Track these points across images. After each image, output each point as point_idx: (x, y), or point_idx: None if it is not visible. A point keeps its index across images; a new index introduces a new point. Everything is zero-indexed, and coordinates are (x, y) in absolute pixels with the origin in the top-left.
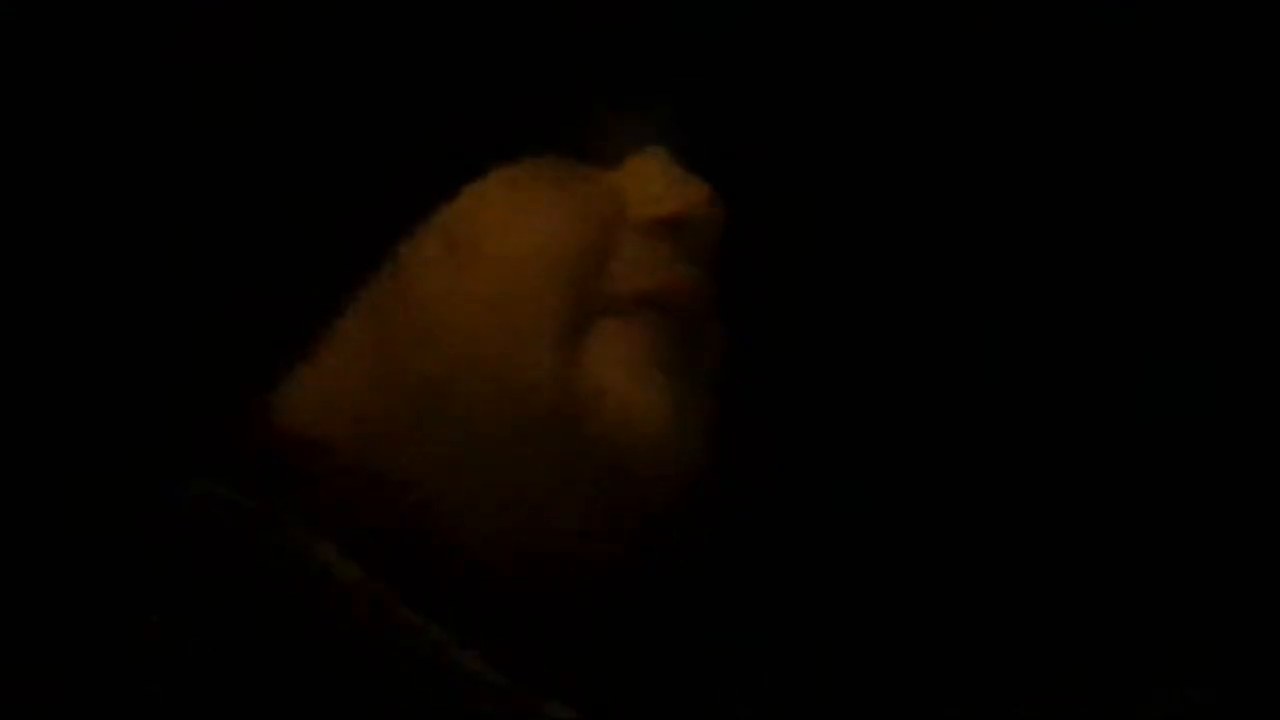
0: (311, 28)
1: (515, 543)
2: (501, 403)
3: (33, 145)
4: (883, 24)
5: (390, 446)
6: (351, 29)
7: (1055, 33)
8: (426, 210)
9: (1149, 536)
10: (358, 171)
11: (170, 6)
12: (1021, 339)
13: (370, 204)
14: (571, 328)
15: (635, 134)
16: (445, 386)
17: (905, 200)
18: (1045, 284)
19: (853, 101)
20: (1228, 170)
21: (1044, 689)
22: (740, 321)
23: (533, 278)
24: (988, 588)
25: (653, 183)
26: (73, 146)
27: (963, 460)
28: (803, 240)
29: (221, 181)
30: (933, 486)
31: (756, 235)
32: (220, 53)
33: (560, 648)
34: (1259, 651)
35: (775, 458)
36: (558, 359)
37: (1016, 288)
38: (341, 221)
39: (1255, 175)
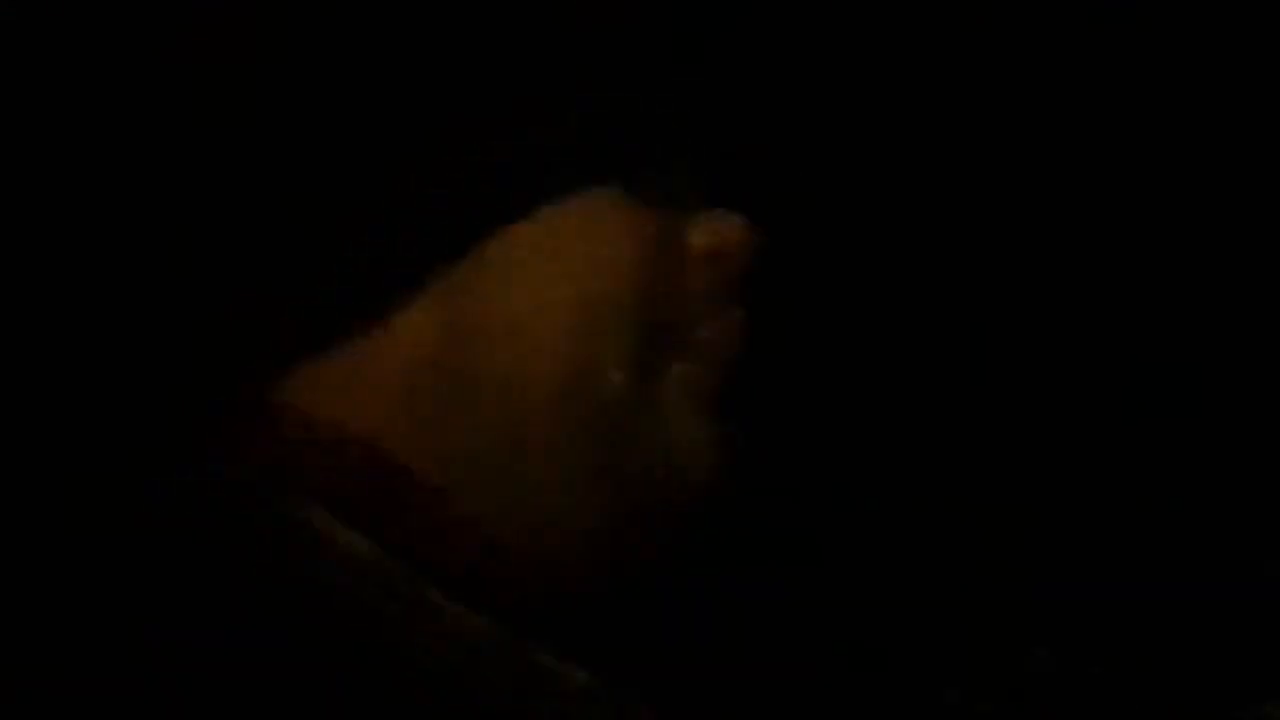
0: (366, 26)
1: (537, 542)
2: (564, 410)
3: (40, 145)
4: (885, 29)
5: (425, 438)
6: (409, 34)
7: (1054, 33)
8: (404, 206)
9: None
10: (343, 168)
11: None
12: (1022, 341)
13: (363, 199)
14: (646, 352)
15: (682, 181)
16: (510, 385)
17: (909, 205)
18: (1043, 286)
19: (856, 111)
20: (1228, 170)
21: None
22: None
23: (618, 294)
24: (987, 584)
25: (710, 218)
26: (91, 139)
27: (965, 460)
28: (811, 246)
29: (246, 170)
30: (935, 487)
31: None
32: (241, 44)
33: (576, 640)
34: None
35: (777, 457)
36: (630, 380)
37: (1018, 291)
38: (366, 218)
39: (1255, 175)
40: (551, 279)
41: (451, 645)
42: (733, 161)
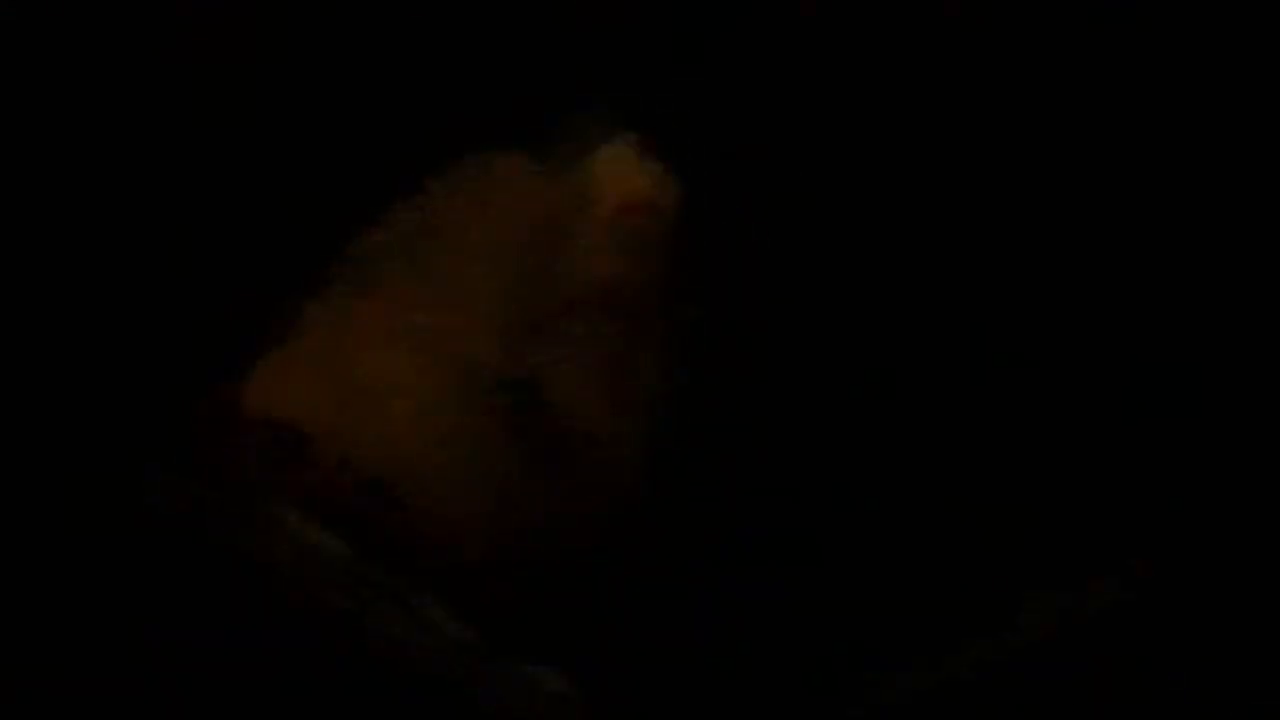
0: (271, 22)
1: (473, 520)
2: (453, 391)
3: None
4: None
5: (354, 431)
6: (310, 26)
7: (1053, 33)
8: (388, 203)
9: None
10: (319, 166)
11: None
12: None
13: (332, 198)
14: (524, 320)
15: (604, 131)
16: (401, 374)
17: (909, 204)
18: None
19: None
20: (1227, 170)
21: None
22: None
23: (487, 269)
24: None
25: (621, 173)
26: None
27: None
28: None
29: (183, 175)
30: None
31: (732, 230)
32: (173, 53)
33: (530, 619)
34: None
35: (744, 447)
36: (508, 350)
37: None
38: (303, 214)
39: (1255, 175)
40: (431, 258)
41: (426, 646)
42: (733, 160)
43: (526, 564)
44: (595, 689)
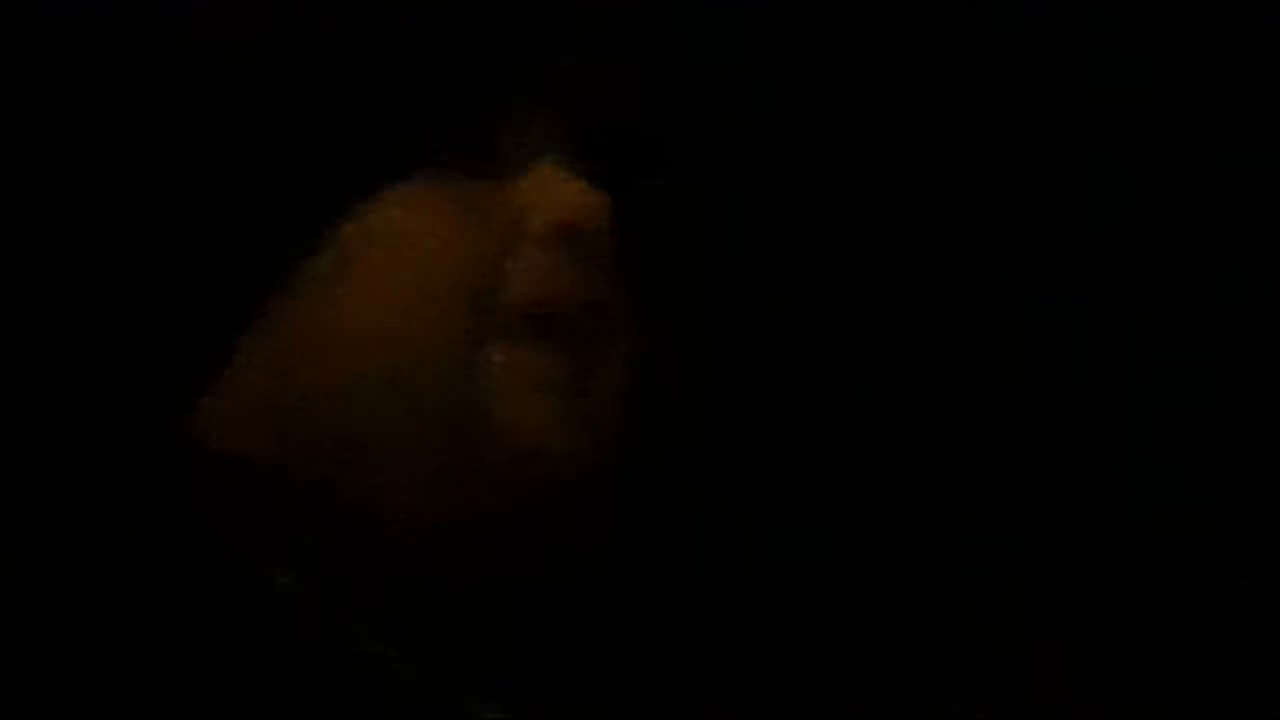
0: (198, 33)
1: (427, 540)
2: (396, 413)
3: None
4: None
5: (302, 457)
6: (243, 36)
7: (1052, 34)
8: (327, 225)
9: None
10: (260, 186)
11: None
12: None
13: (273, 220)
14: (464, 339)
15: (537, 145)
16: (343, 399)
17: (910, 203)
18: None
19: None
20: (1227, 170)
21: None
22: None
23: (425, 289)
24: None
25: (549, 191)
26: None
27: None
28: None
29: (125, 199)
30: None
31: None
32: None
33: (482, 639)
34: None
35: (702, 456)
36: (448, 366)
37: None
38: (245, 236)
39: (1255, 175)
40: (366, 279)
41: (375, 684)
42: (734, 160)
43: (481, 587)
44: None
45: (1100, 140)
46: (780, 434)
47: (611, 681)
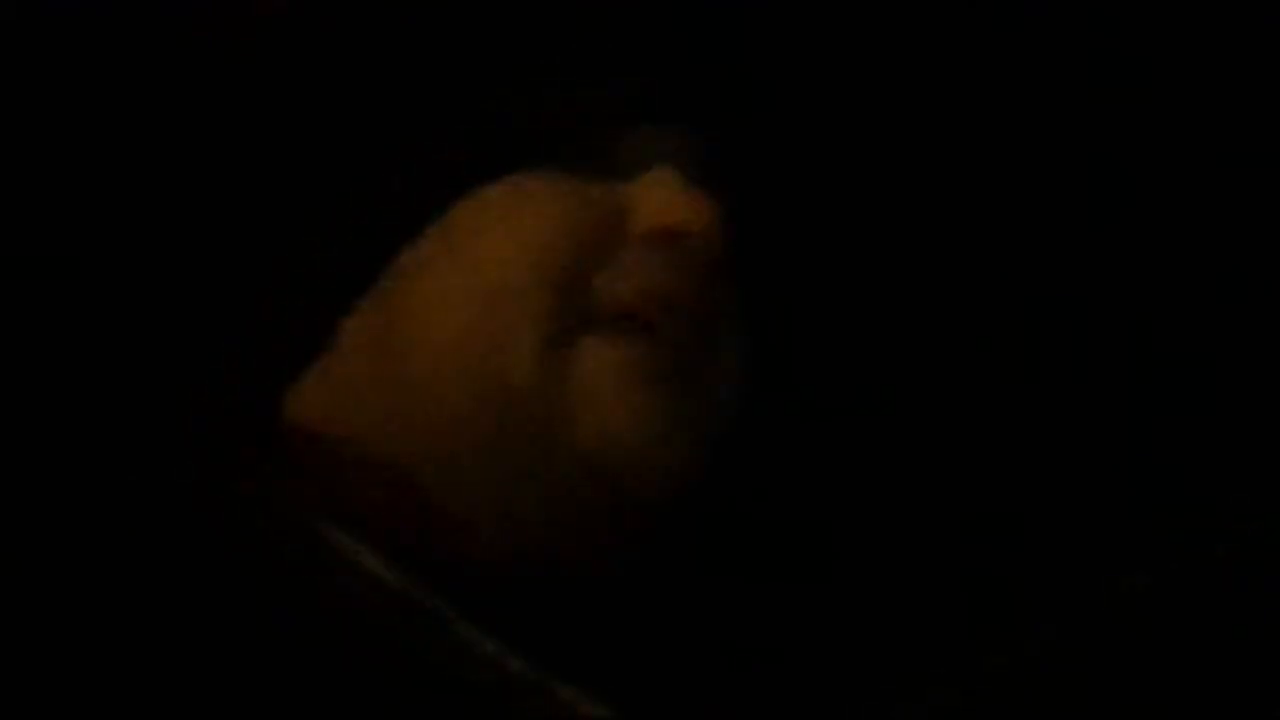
0: (323, 29)
1: (508, 537)
2: (484, 404)
3: (43, 152)
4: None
5: (390, 442)
6: (366, 32)
7: (1054, 34)
8: (435, 214)
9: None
10: (370, 175)
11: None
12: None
13: (381, 207)
14: (556, 333)
15: (652, 153)
16: (434, 385)
17: (912, 203)
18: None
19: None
20: (1227, 170)
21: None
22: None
23: (519, 280)
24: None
25: (658, 194)
26: (70, 160)
27: (965, 461)
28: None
29: (233, 186)
30: (936, 488)
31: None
32: (223, 57)
33: (566, 641)
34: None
35: (784, 460)
36: (539, 364)
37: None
38: (353, 223)
39: (1255, 175)
40: (455, 274)
41: (469, 669)
42: (753, 182)
43: (562, 582)
44: (633, 714)
45: (1100, 140)
46: (832, 440)
47: (709, 677)
